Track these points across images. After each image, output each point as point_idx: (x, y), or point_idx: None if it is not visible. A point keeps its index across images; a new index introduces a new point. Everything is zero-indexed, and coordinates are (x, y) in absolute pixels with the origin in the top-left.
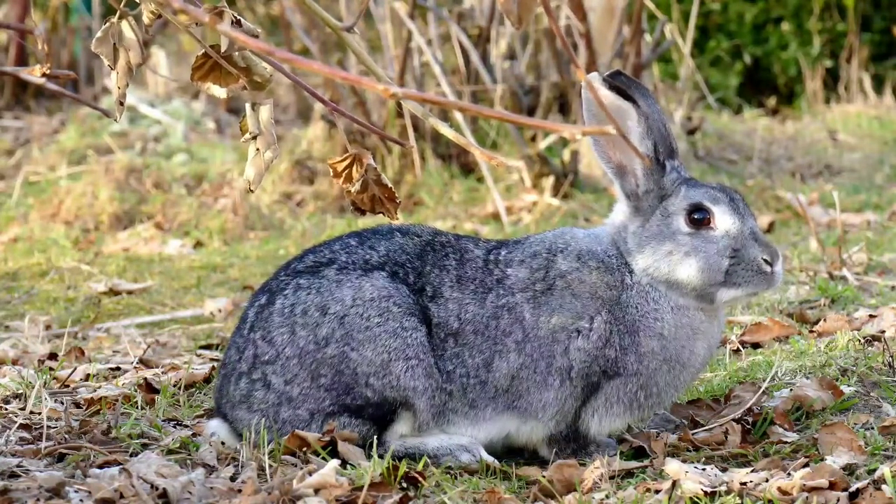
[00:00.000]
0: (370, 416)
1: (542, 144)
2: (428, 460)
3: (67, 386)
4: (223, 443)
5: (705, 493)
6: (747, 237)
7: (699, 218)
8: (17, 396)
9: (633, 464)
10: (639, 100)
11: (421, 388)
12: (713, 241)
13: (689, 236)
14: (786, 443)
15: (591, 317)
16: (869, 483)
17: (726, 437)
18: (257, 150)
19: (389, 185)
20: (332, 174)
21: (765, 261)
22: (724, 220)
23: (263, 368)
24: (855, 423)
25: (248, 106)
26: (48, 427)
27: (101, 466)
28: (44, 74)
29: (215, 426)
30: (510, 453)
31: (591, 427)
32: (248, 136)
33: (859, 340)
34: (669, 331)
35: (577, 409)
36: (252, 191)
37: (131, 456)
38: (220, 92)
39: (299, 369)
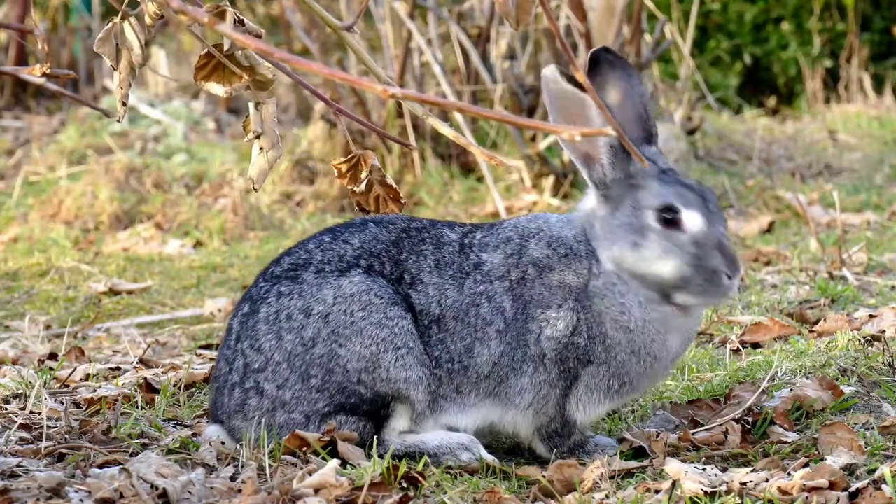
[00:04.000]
0: (365, 412)
1: (542, 144)
2: (428, 459)
3: (67, 386)
4: (223, 443)
5: (705, 493)
6: (713, 245)
7: (669, 218)
8: (17, 396)
9: (633, 464)
10: (616, 82)
11: (415, 377)
12: (680, 245)
13: (657, 234)
14: (786, 443)
15: (559, 305)
16: (869, 483)
17: (726, 437)
18: (261, 149)
19: (394, 185)
20: (336, 175)
21: (725, 274)
22: (693, 223)
23: (255, 376)
24: (855, 423)
25: (251, 105)
26: (48, 427)
27: (101, 466)
28: (44, 74)
29: (214, 431)
30: (510, 453)
31: (577, 417)
32: (251, 135)
33: (859, 340)
34: (637, 325)
35: (561, 399)
36: (256, 190)
37: (131, 456)
38: (220, 91)
39: (289, 373)
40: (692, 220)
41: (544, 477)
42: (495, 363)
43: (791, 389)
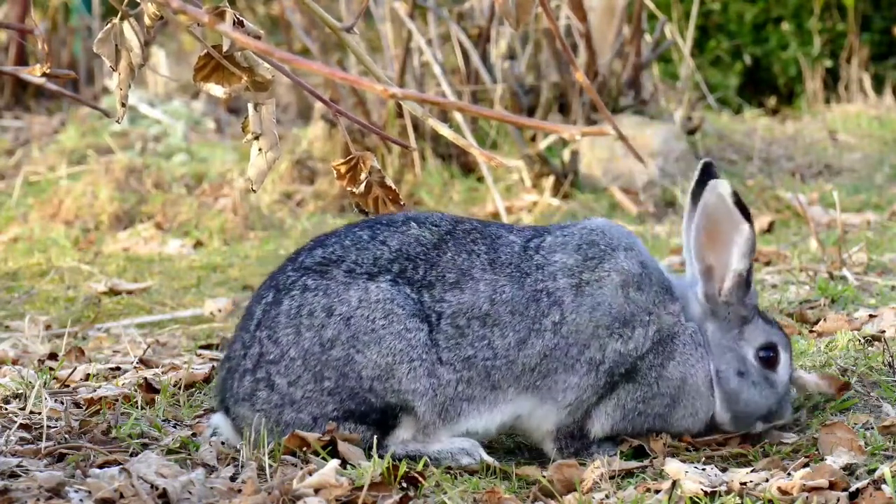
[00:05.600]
0: (374, 421)
1: (542, 144)
2: (428, 461)
3: (67, 386)
4: (223, 442)
5: (705, 493)
6: (786, 392)
7: (766, 357)
8: (17, 396)
9: (633, 464)
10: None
11: (421, 389)
12: (774, 386)
13: (755, 369)
14: (786, 443)
15: (634, 327)
16: (869, 483)
17: (726, 438)
18: (259, 149)
19: (393, 186)
20: (335, 176)
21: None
22: (783, 369)
23: (268, 368)
24: (855, 423)
25: (250, 106)
26: (48, 427)
27: (101, 466)
28: (44, 74)
29: (218, 420)
30: (510, 453)
31: (595, 427)
32: (250, 136)
33: (859, 340)
34: (693, 383)
35: (593, 405)
36: (255, 191)
37: (131, 456)
38: (219, 91)
39: (303, 371)
40: (784, 366)
41: (544, 477)
42: (546, 355)
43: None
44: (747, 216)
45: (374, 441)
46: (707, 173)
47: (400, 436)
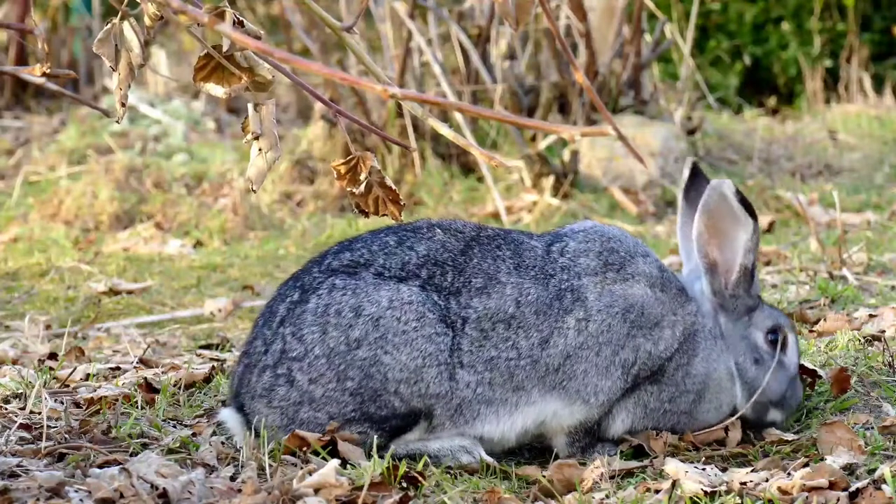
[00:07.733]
0: (391, 427)
1: (542, 144)
2: (428, 460)
3: (67, 386)
4: (223, 442)
5: (705, 493)
6: (796, 374)
7: (774, 339)
8: (17, 396)
9: (633, 464)
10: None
11: (444, 392)
12: (786, 368)
13: (768, 354)
14: (786, 443)
15: (663, 328)
16: (869, 483)
17: (726, 437)
18: (259, 150)
19: (393, 186)
20: (335, 176)
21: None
22: (792, 351)
23: (290, 364)
24: (855, 423)
25: (250, 106)
26: (48, 427)
27: (101, 466)
28: (44, 74)
29: (227, 416)
30: (510, 453)
31: (611, 424)
32: (250, 136)
33: (859, 340)
34: (717, 378)
35: (614, 403)
36: (254, 191)
37: (131, 456)
38: (219, 92)
39: (326, 369)
40: (793, 346)
41: (544, 477)
42: (570, 355)
43: None
44: (752, 213)
45: (374, 440)
46: (696, 172)
47: (409, 438)
